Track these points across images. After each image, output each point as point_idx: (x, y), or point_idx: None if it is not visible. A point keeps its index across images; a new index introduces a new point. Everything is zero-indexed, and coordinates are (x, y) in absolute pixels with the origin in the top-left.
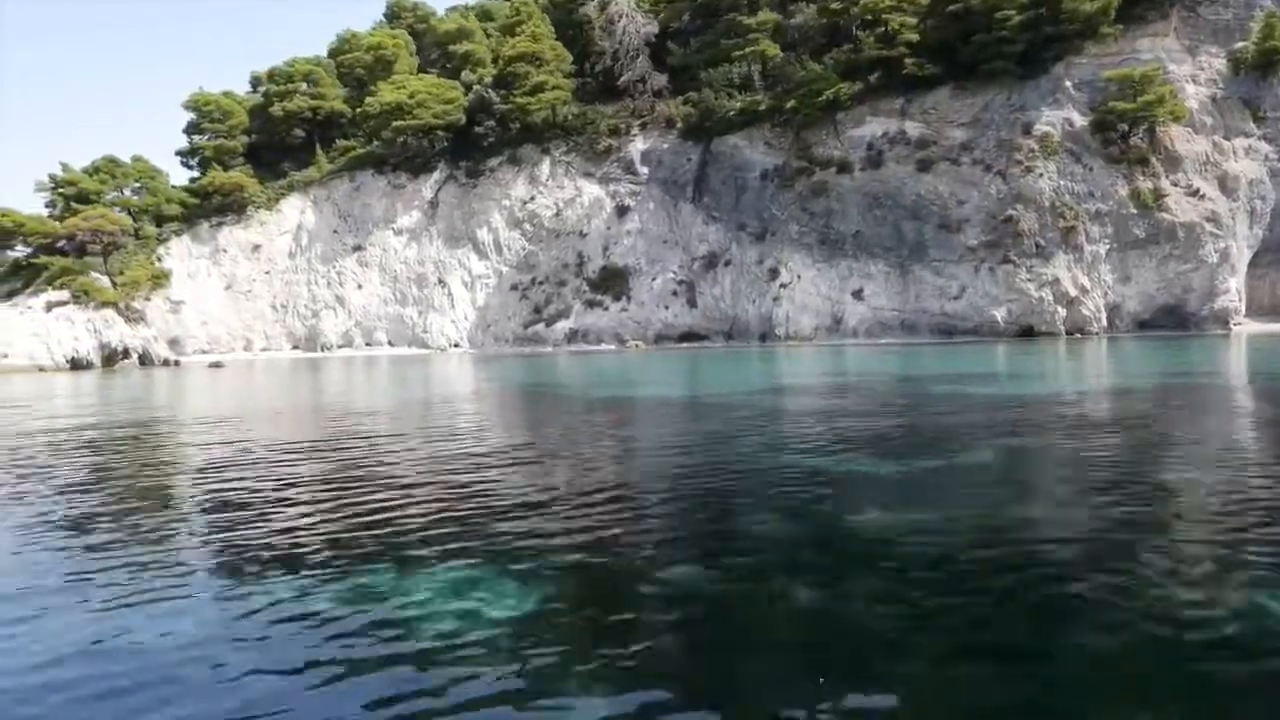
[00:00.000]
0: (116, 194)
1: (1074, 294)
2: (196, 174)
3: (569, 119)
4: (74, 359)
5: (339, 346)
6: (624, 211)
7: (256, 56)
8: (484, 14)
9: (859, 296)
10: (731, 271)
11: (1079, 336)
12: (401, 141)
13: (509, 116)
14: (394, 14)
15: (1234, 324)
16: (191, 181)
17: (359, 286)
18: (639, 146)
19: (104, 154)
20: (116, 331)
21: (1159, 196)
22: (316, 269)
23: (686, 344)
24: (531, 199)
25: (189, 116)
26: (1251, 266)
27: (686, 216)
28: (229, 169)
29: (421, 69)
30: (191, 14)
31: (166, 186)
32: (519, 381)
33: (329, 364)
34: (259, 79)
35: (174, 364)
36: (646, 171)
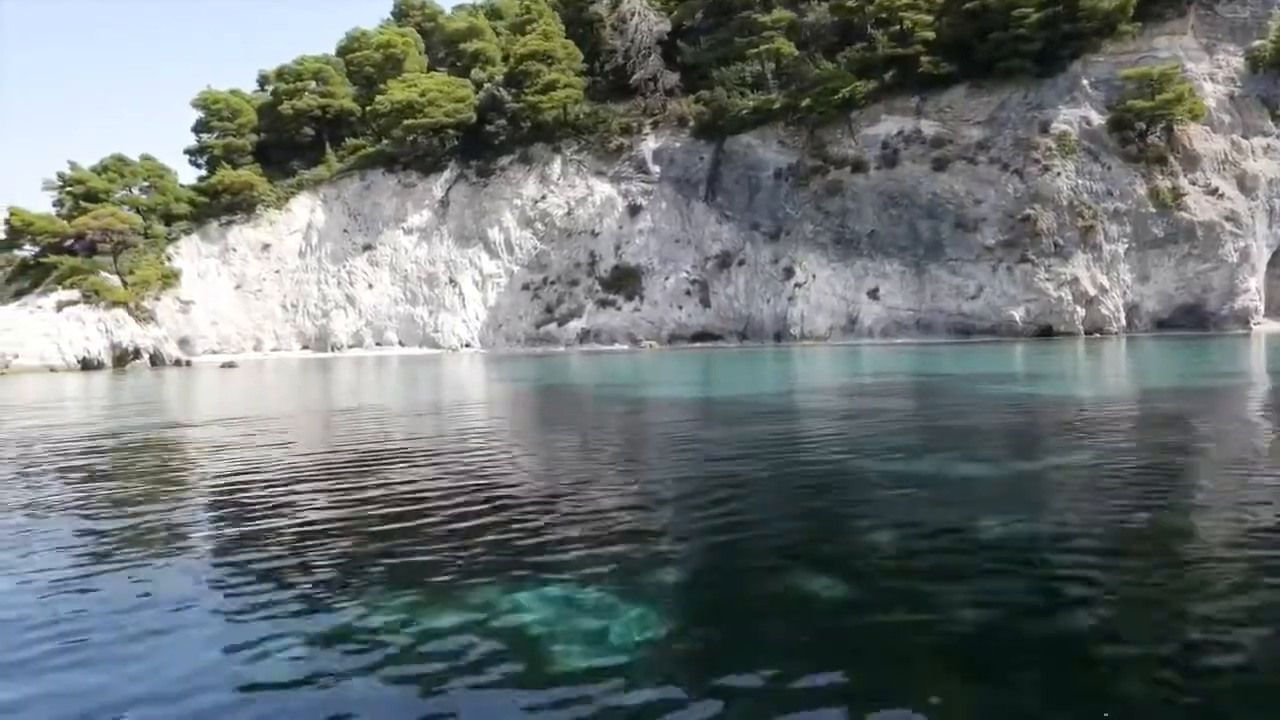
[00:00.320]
0: (125, 193)
1: (1093, 293)
2: (204, 173)
3: (580, 118)
4: (85, 359)
5: (349, 346)
6: (636, 211)
7: (258, 56)
8: (493, 12)
9: (874, 296)
10: (745, 271)
11: (1098, 336)
12: (412, 140)
13: (520, 115)
14: (402, 12)
15: (1254, 323)
16: (200, 180)
17: (369, 286)
18: (651, 145)
19: (112, 153)
20: (127, 331)
21: (1178, 196)
22: (327, 268)
23: (699, 344)
24: (543, 198)
25: (193, 116)
26: (1271, 266)
27: (699, 215)
28: (238, 168)
29: (430, 67)
30: (191, 14)
31: (175, 185)
32: (553, 382)
33: (343, 364)
34: (266, 77)
35: (185, 364)
36: (658, 170)
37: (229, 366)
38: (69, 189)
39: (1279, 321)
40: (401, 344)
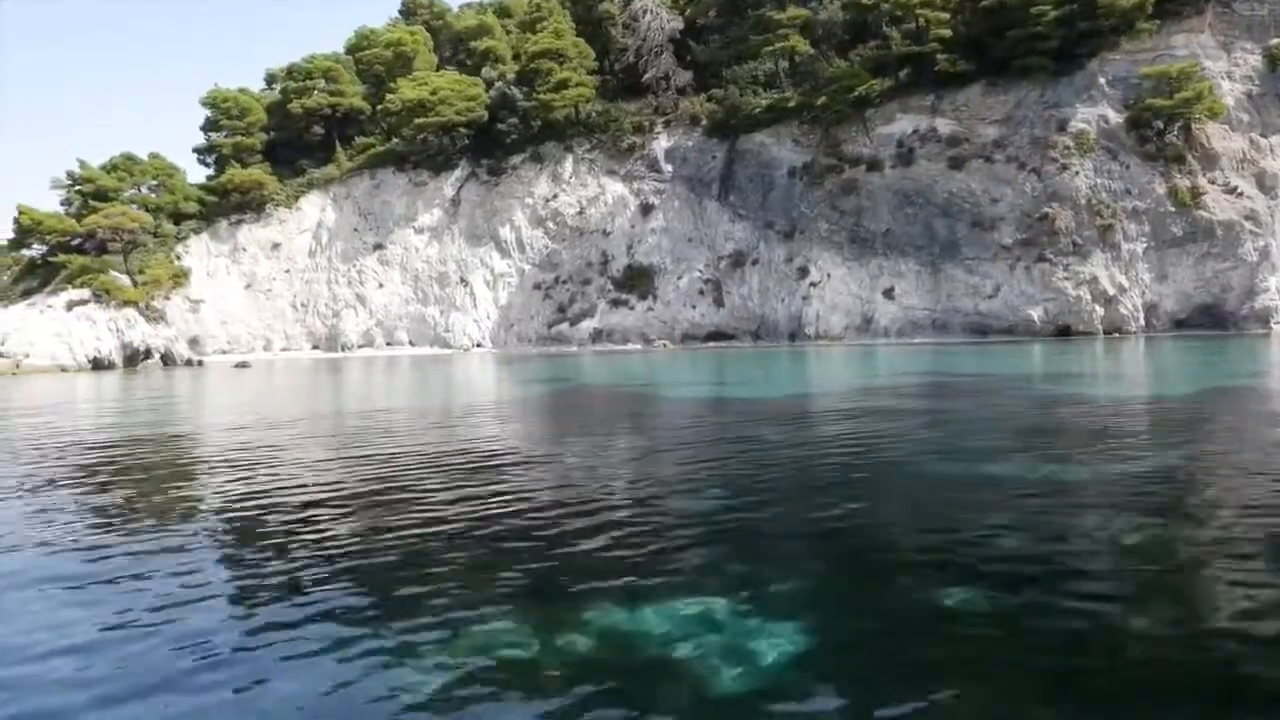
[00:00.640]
0: (134, 191)
1: (1112, 293)
2: (213, 171)
3: (592, 116)
4: (96, 359)
5: (359, 346)
6: (648, 210)
7: (260, 56)
8: (501, 11)
9: (890, 296)
10: (759, 270)
11: (1117, 336)
12: (422, 139)
13: (531, 114)
14: (409, 10)
15: (1274, 323)
16: (209, 179)
17: (380, 285)
18: (663, 144)
19: (119, 152)
20: (138, 331)
21: (1196, 195)
22: (337, 267)
23: (713, 343)
24: (554, 197)
25: (195, 115)
26: None
27: (712, 214)
28: (247, 166)
29: (439, 66)
30: (192, 14)
31: (184, 184)
32: (585, 382)
33: (357, 365)
34: (274, 76)
35: (197, 364)
36: (671, 169)
37: (243, 366)
38: (78, 188)
39: None
40: (412, 344)
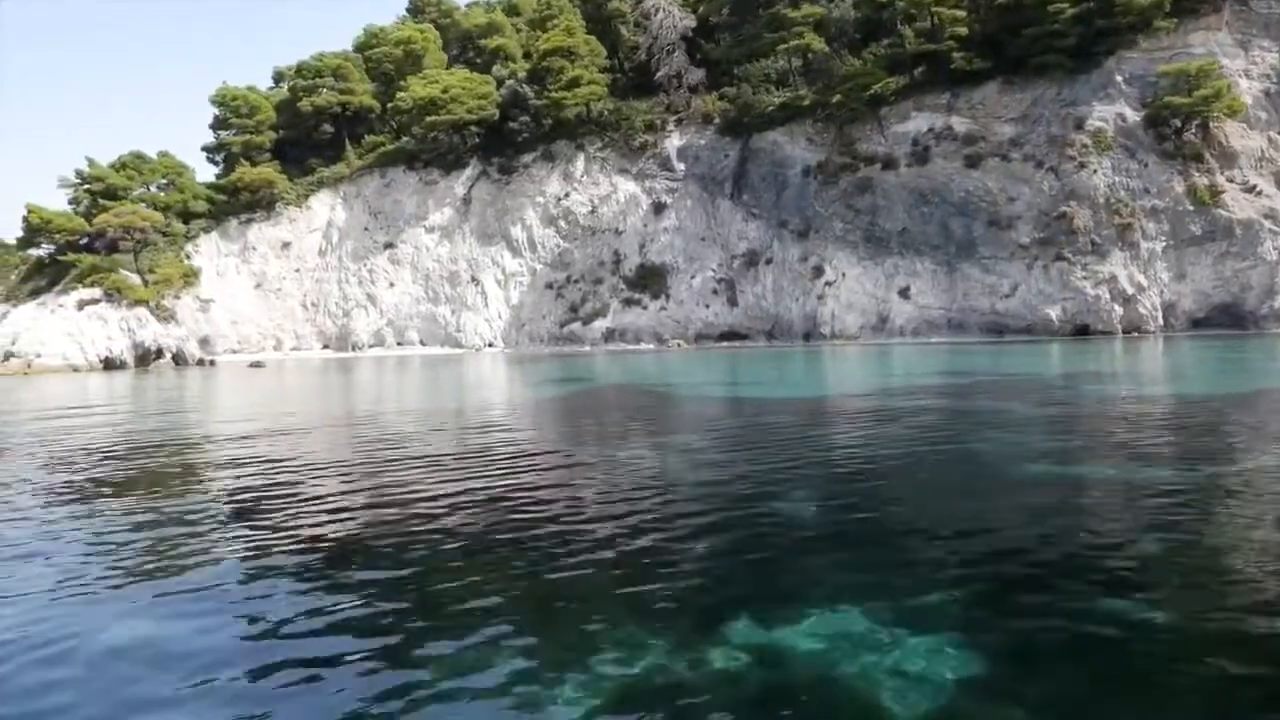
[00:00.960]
0: (143, 190)
1: (1131, 292)
2: (221, 170)
3: (604, 115)
4: (107, 359)
5: (370, 346)
6: (661, 208)
7: (262, 55)
8: (510, 9)
9: (905, 295)
10: (774, 269)
11: (1136, 335)
12: (433, 137)
13: (543, 112)
14: (417, 9)
15: None
16: (218, 177)
17: (390, 285)
18: (675, 142)
19: (129, 150)
20: (150, 331)
21: (1215, 193)
22: (347, 267)
23: (727, 343)
24: (566, 196)
25: (195, 115)
26: None
27: (725, 213)
28: (256, 165)
29: (447, 64)
30: (193, 14)
31: (193, 183)
32: (620, 382)
33: (371, 365)
34: (282, 74)
35: (209, 363)
36: (683, 168)
37: (257, 366)
38: (87, 186)
39: None
40: (423, 343)
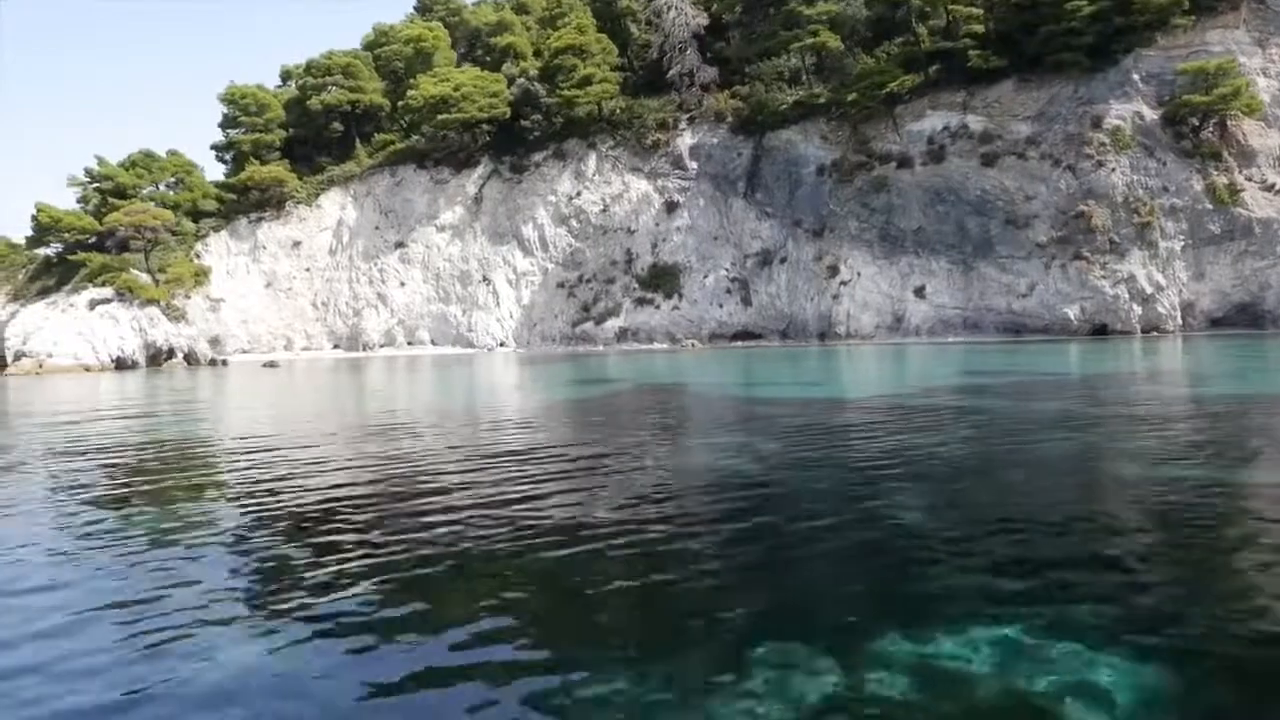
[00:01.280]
0: (153, 189)
1: (1150, 291)
2: (230, 169)
3: (616, 113)
4: (119, 359)
5: (381, 346)
6: (673, 207)
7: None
8: (519, 7)
9: (921, 294)
10: (788, 269)
11: (1155, 335)
12: (444, 136)
13: (554, 110)
14: (425, 7)
15: None
16: (227, 176)
17: (401, 284)
18: (687, 141)
19: (139, 148)
20: (161, 330)
21: (1234, 192)
22: (358, 266)
23: (741, 343)
24: (578, 194)
25: (201, 114)
26: None
27: (738, 212)
28: (265, 164)
29: (456, 63)
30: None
31: (203, 181)
32: (655, 383)
33: (383, 365)
34: (289, 73)
35: (222, 363)
36: (695, 166)
37: (271, 366)
38: (96, 185)
39: None
40: (434, 343)
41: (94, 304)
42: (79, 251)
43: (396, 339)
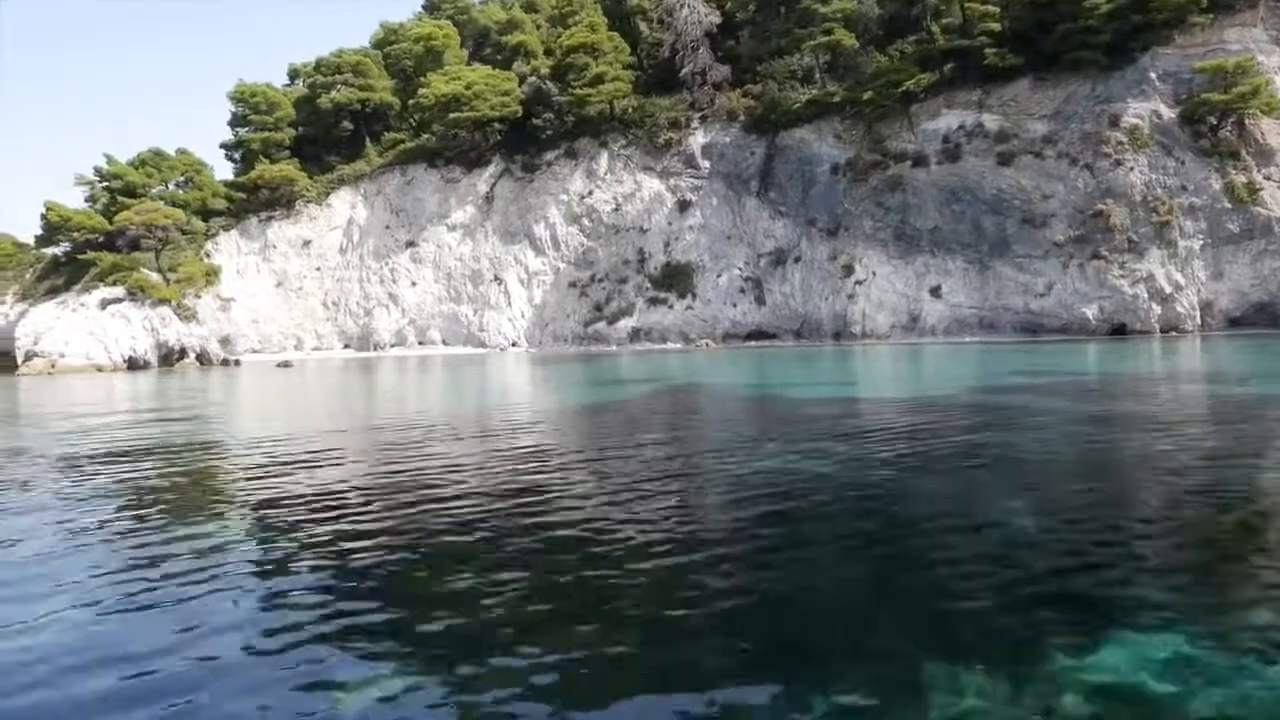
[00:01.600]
0: (162, 188)
1: (1169, 290)
2: (239, 168)
3: (628, 112)
4: (131, 358)
5: (392, 345)
6: (686, 206)
7: (270, 55)
8: (528, 5)
9: (937, 294)
10: (802, 268)
11: (1174, 335)
12: (454, 134)
13: (566, 109)
14: (433, 5)
15: None
16: (236, 175)
17: (412, 284)
18: (700, 140)
19: (148, 147)
20: (173, 330)
21: (1253, 190)
22: (369, 265)
23: (754, 342)
24: (589, 193)
25: (206, 114)
26: None
27: (751, 212)
28: (275, 162)
29: (466, 61)
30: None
31: (212, 180)
32: (684, 382)
33: (395, 365)
34: (297, 71)
35: (235, 363)
36: (708, 165)
37: (285, 366)
38: (106, 184)
39: None
40: (445, 343)
41: (105, 303)
42: (88, 251)
43: (408, 339)
